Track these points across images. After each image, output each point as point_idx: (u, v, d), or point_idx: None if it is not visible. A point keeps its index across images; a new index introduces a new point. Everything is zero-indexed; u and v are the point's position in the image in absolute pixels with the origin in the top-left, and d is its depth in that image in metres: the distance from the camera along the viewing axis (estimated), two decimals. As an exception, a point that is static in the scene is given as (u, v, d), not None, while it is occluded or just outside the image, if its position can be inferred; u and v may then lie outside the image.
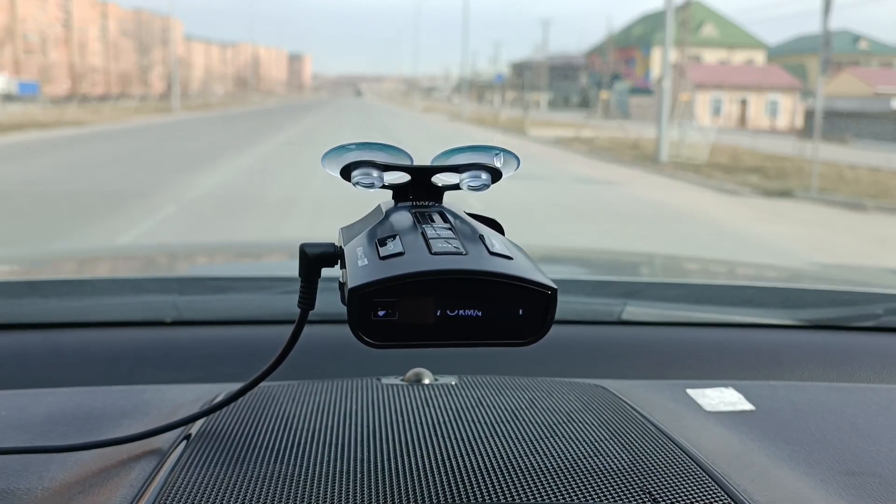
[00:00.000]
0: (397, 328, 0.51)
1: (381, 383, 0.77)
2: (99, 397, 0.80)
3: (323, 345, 1.01)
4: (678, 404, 0.80)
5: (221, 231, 7.56)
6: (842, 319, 1.20)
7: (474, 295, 0.51)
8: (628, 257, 2.40)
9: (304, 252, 0.58)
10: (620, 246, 6.98)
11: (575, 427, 0.67)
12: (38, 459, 0.66)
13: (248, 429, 0.66)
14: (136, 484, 0.60)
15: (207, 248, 2.20)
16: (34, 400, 0.80)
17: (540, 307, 0.51)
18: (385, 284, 0.50)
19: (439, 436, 0.65)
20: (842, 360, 1.08)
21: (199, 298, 1.27)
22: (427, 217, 0.58)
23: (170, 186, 10.74)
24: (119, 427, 0.72)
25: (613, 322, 1.16)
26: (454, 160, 0.63)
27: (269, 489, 0.56)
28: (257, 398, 0.73)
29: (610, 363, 1.05)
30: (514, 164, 0.63)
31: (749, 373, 1.03)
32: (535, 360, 1.00)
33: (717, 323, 1.18)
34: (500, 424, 0.67)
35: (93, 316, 1.14)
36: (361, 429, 0.66)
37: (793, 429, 0.76)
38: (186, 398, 0.78)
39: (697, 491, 0.57)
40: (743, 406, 0.81)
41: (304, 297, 0.60)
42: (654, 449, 0.64)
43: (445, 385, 0.77)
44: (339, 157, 0.61)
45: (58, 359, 1.03)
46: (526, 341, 0.52)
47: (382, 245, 0.53)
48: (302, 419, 0.68)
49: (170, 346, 1.06)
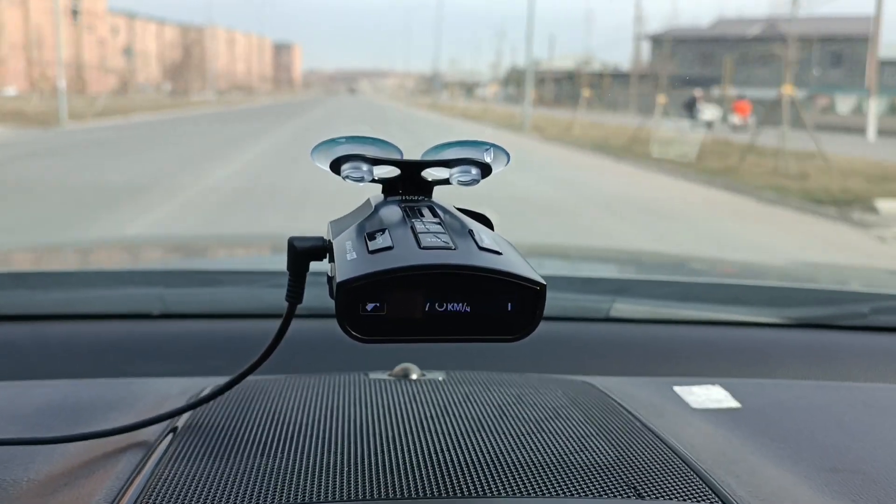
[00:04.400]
0: (385, 323, 0.50)
1: (368, 378, 0.77)
2: (85, 390, 0.80)
3: (311, 339, 1.01)
4: (665, 401, 0.80)
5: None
6: (829, 318, 1.20)
7: (463, 290, 0.51)
8: (617, 254, 2.41)
9: (292, 245, 0.58)
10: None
11: (561, 423, 0.68)
12: (23, 451, 0.66)
13: (235, 423, 0.66)
14: (122, 476, 0.60)
15: (195, 241, 2.20)
16: (20, 392, 0.80)
17: (529, 303, 0.51)
18: (373, 279, 0.49)
19: (426, 431, 0.65)
20: (828, 358, 1.08)
21: (187, 291, 1.26)
22: (416, 211, 0.58)
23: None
24: (105, 419, 0.72)
25: (601, 319, 1.17)
26: (444, 155, 0.63)
27: (256, 483, 0.56)
28: (244, 392, 0.72)
29: (597, 360, 1.05)
30: (503, 159, 0.63)
31: (736, 370, 1.03)
32: (523, 356, 1.00)
33: (704, 321, 1.19)
34: (487, 420, 0.68)
35: (79, 308, 1.13)
36: (348, 423, 0.66)
37: (779, 426, 0.76)
38: (173, 391, 0.78)
39: (682, 487, 0.58)
40: (729, 403, 0.81)
41: (292, 291, 0.59)
42: (640, 445, 0.64)
43: (433, 380, 0.77)
44: (329, 151, 0.60)
45: (44, 351, 1.02)
46: (514, 337, 0.52)
47: (371, 239, 0.53)
48: (289, 413, 0.68)
49: (157, 339, 1.06)
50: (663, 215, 8.48)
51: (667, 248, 6.09)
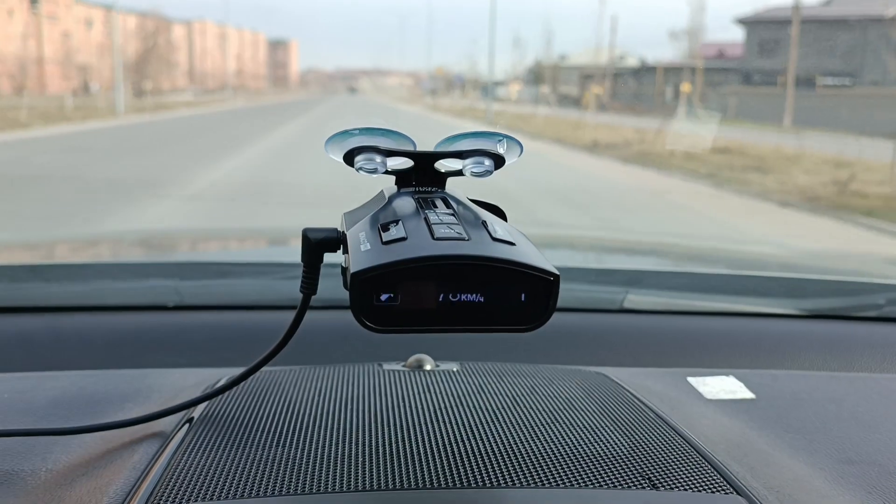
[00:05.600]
0: (399, 313, 0.51)
1: (382, 369, 0.77)
2: (101, 381, 0.81)
3: (325, 330, 1.01)
4: (679, 392, 0.80)
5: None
6: (844, 309, 1.20)
7: (476, 280, 0.51)
8: (631, 245, 2.40)
9: (306, 237, 0.58)
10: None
11: (575, 414, 0.68)
12: (41, 442, 0.67)
13: (250, 413, 0.66)
14: (139, 466, 0.60)
15: (210, 234, 2.21)
16: (37, 383, 0.80)
17: (542, 294, 0.51)
18: (387, 269, 0.50)
19: (440, 421, 0.65)
20: (843, 349, 1.08)
21: (202, 283, 1.27)
22: (430, 203, 0.58)
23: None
24: (121, 410, 0.73)
25: (615, 310, 1.16)
26: (457, 146, 0.63)
27: (271, 472, 0.56)
28: (259, 383, 0.73)
29: (611, 351, 1.05)
30: (517, 150, 0.63)
31: (750, 362, 1.03)
32: (537, 347, 1.00)
33: (718, 312, 1.19)
34: (502, 411, 0.68)
35: (95, 300, 1.14)
36: (362, 414, 0.66)
37: (793, 417, 0.76)
38: (188, 382, 0.78)
39: (696, 477, 0.58)
40: (743, 394, 0.81)
41: (306, 282, 0.60)
42: (654, 436, 0.64)
43: (447, 371, 0.77)
44: (343, 142, 0.61)
45: (60, 342, 1.03)
46: (528, 328, 0.52)
47: (385, 230, 0.53)
48: (303, 404, 0.68)
49: (172, 331, 1.06)
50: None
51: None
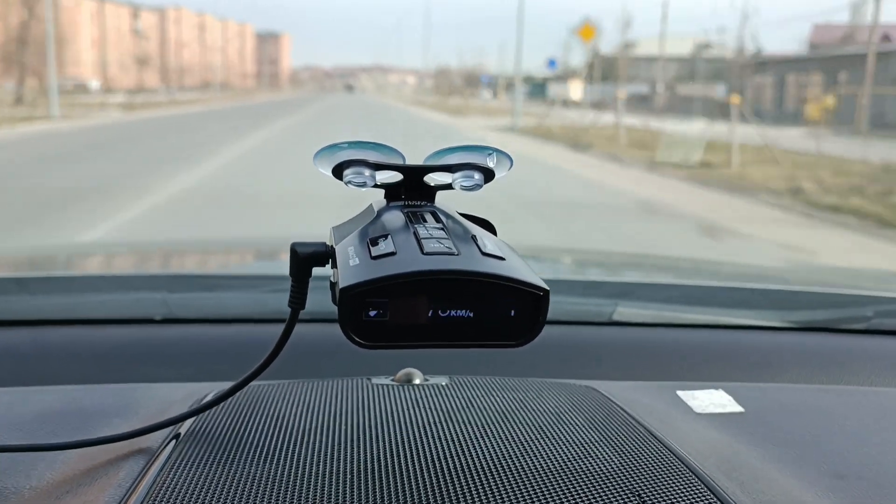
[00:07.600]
0: (388, 328, 0.50)
1: (371, 383, 0.77)
2: (87, 395, 0.80)
3: (313, 344, 1.01)
4: (668, 406, 0.80)
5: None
6: (832, 322, 1.20)
7: (466, 295, 0.50)
8: (619, 257, 2.40)
9: (294, 251, 0.58)
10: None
11: (565, 429, 0.67)
12: (25, 458, 0.66)
13: (238, 428, 0.66)
14: (125, 483, 0.60)
15: (198, 246, 2.20)
16: (22, 397, 0.79)
17: (532, 308, 0.51)
18: (376, 284, 0.49)
19: (430, 436, 0.65)
20: (832, 362, 1.08)
21: (190, 296, 1.26)
22: (419, 217, 0.58)
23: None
24: (108, 426, 0.72)
25: (604, 323, 1.16)
26: (447, 160, 0.62)
27: (259, 489, 0.56)
28: (247, 397, 0.72)
29: (600, 364, 1.05)
30: (507, 164, 0.63)
31: (739, 375, 1.03)
32: (526, 360, 1.00)
33: (707, 324, 1.19)
34: (491, 425, 0.67)
35: (81, 313, 1.13)
36: (351, 429, 0.66)
37: (782, 431, 0.76)
38: (176, 397, 0.78)
39: (686, 493, 0.57)
40: (733, 408, 0.81)
41: (294, 297, 0.59)
42: (644, 451, 0.64)
43: (436, 385, 0.77)
44: (332, 156, 0.60)
45: (46, 356, 1.02)
46: (517, 343, 0.52)
47: (374, 245, 0.53)
48: (292, 419, 0.68)
49: (159, 344, 1.06)
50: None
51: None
